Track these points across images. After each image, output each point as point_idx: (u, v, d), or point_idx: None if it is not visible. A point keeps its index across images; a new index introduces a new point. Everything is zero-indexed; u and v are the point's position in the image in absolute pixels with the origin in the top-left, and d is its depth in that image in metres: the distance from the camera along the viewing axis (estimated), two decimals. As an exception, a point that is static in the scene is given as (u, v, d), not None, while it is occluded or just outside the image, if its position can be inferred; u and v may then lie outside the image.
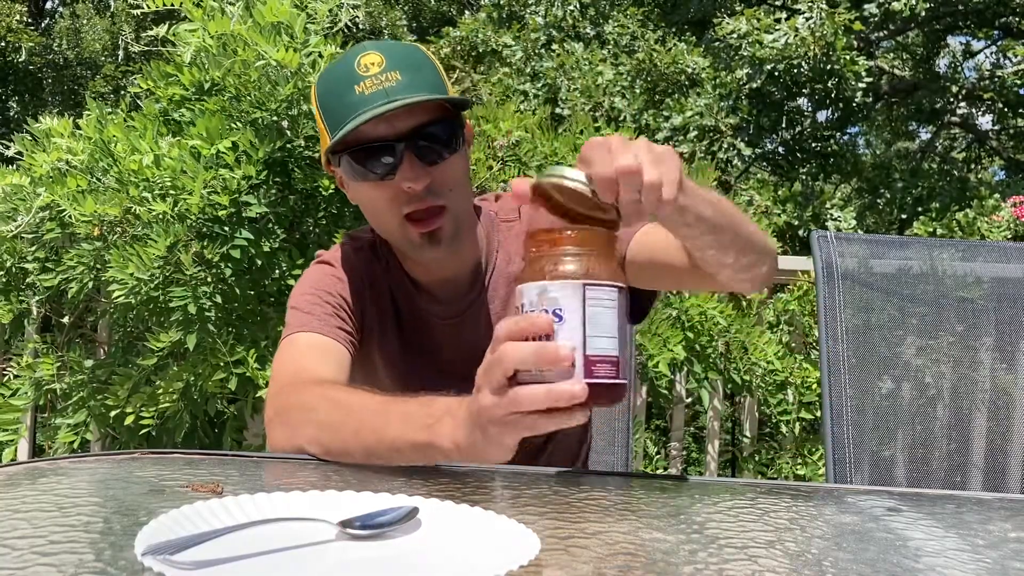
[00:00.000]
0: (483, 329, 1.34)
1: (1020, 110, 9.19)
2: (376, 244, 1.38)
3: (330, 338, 1.24)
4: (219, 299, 2.27)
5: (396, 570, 0.68)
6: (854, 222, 6.39)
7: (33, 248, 2.53)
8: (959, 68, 9.84)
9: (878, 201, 8.31)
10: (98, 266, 2.32)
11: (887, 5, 7.56)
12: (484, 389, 0.83)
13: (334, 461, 1.04)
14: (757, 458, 3.18)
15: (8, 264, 2.51)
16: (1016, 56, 8.82)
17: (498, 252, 1.37)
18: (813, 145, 8.14)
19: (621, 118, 6.63)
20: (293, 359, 1.22)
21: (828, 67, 6.71)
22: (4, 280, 2.54)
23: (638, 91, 6.94)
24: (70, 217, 2.29)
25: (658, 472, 3.30)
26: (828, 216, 6.34)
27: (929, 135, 11.87)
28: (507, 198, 1.42)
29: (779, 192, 6.32)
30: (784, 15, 7.19)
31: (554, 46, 7.34)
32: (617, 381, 0.83)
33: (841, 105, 7.46)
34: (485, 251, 1.36)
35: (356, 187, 1.25)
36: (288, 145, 2.33)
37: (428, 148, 1.19)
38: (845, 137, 9.81)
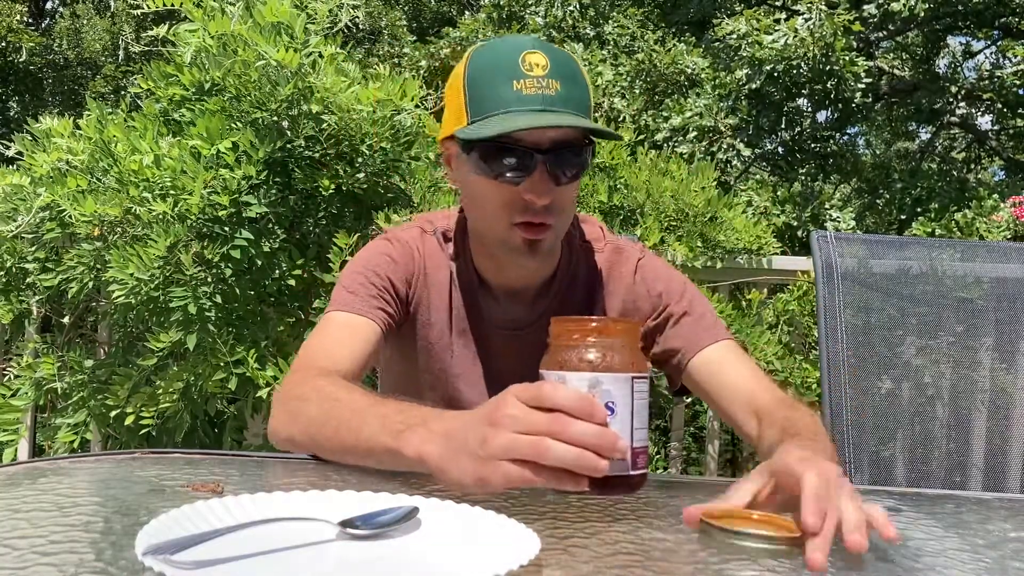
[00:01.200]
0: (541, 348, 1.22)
1: (1020, 110, 9.18)
2: (448, 233, 1.36)
3: (366, 317, 1.25)
4: (219, 299, 2.27)
5: (396, 570, 0.68)
6: (853, 223, 6.38)
7: (33, 248, 2.53)
8: (959, 68, 9.84)
9: (877, 201, 8.31)
10: (98, 266, 2.32)
11: (886, 6, 7.56)
12: (508, 428, 0.78)
13: (324, 458, 1.05)
14: (757, 458, 3.18)
15: (8, 264, 2.51)
16: (1016, 56, 8.82)
17: (571, 274, 1.36)
18: (812, 146, 8.14)
19: (621, 118, 6.63)
20: (319, 341, 1.24)
21: (827, 68, 6.71)
22: (4, 280, 2.54)
23: (637, 91, 6.94)
24: (70, 217, 2.29)
25: (658, 472, 3.30)
26: (827, 216, 6.34)
27: (929, 135, 11.87)
28: (593, 225, 1.41)
29: (778, 193, 6.32)
30: (783, 16, 7.19)
31: (554, 46, 7.32)
32: (646, 471, 0.86)
33: (840, 106, 7.45)
34: (560, 269, 1.35)
35: (474, 179, 1.21)
36: (288, 145, 2.33)
37: (561, 167, 1.17)
38: (845, 137, 9.82)
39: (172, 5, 2.44)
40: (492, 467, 0.78)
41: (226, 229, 2.25)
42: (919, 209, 7.02)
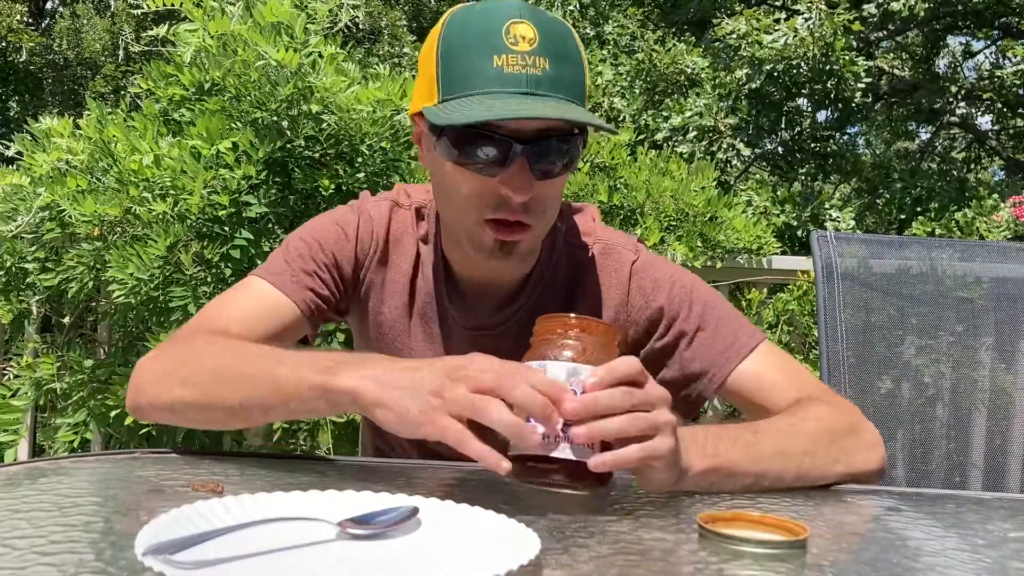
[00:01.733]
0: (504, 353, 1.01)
1: (1020, 110, 9.19)
2: (423, 210, 1.22)
3: (285, 294, 1.13)
4: (219, 299, 2.27)
5: (396, 570, 0.68)
6: (853, 222, 6.39)
7: (33, 248, 2.53)
8: (959, 68, 9.84)
9: (877, 201, 8.31)
10: (98, 266, 2.32)
11: (886, 5, 7.57)
12: (464, 385, 0.80)
13: (211, 426, 1.01)
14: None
15: (8, 264, 2.51)
16: (1015, 56, 8.82)
17: (551, 275, 1.20)
18: (812, 145, 8.14)
19: (621, 118, 6.64)
20: (221, 304, 1.13)
21: (827, 67, 6.71)
22: (4, 280, 2.54)
23: (637, 91, 6.95)
24: (70, 217, 2.29)
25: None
26: (827, 216, 6.34)
27: (929, 135, 11.87)
28: (586, 216, 1.25)
29: (778, 193, 6.32)
30: (783, 16, 7.19)
31: (554, 46, 7.32)
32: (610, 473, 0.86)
33: (840, 105, 7.45)
34: (538, 269, 1.19)
35: (444, 165, 1.05)
36: (288, 145, 2.34)
37: (545, 160, 1.01)
38: (845, 137, 9.82)
39: (172, 5, 2.44)
40: (434, 417, 0.79)
41: (226, 229, 2.25)
42: (919, 209, 7.02)
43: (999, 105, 8.90)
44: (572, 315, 0.89)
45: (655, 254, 1.25)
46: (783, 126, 7.58)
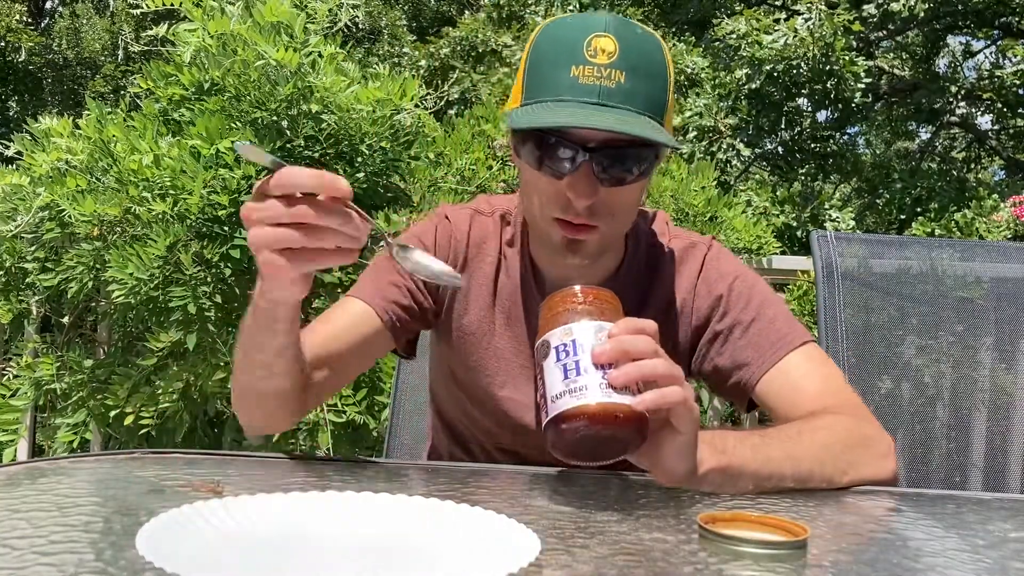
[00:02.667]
0: None
1: (1019, 110, 9.19)
2: (508, 216, 1.29)
3: (365, 303, 1.20)
4: (219, 299, 2.27)
5: (397, 570, 0.68)
6: (852, 223, 6.39)
7: (33, 248, 2.53)
8: (959, 68, 9.84)
9: (877, 201, 8.32)
10: (98, 266, 2.32)
11: (886, 6, 7.57)
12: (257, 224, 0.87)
13: (258, 386, 1.07)
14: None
15: (8, 264, 2.51)
16: (1016, 56, 8.83)
17: (635, 273, 1.26)
18: (812, 145, 8.14)
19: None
20: (315, 322, 1.22)
21: (827, 67, 6.71)
22: (4, 280, 2.54)
23: (638, 91, 6.93)
24: (70, 217, 2.29)
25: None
26: (827, 216, 6.35)
27: (929, 135, 11.87)
28: (661, 220, 1.32)
29: (777, 193, 6.32)
30: (783, 16, 7.20)
31: (554, 46, 7.31)
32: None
33: (840, 105, 7.45)
34: (624, 268, 1.26)
35: (523, 164, 1.14)
36: (288, 145, 2.33)
37: (611, 168, 1.06)
38: (845, 137, 9.82)
39: (172, 5, 2.44)
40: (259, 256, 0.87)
41: (226, 229, 2.25)
42: (919, 209, 7.03)
43: (999, 105, 8.91)
44: (577, 286, 0.91)
45: (727, 251, 1.32)
46: (783, 126, 7.59)
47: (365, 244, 0.87)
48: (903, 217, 7.45)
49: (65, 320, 2.70)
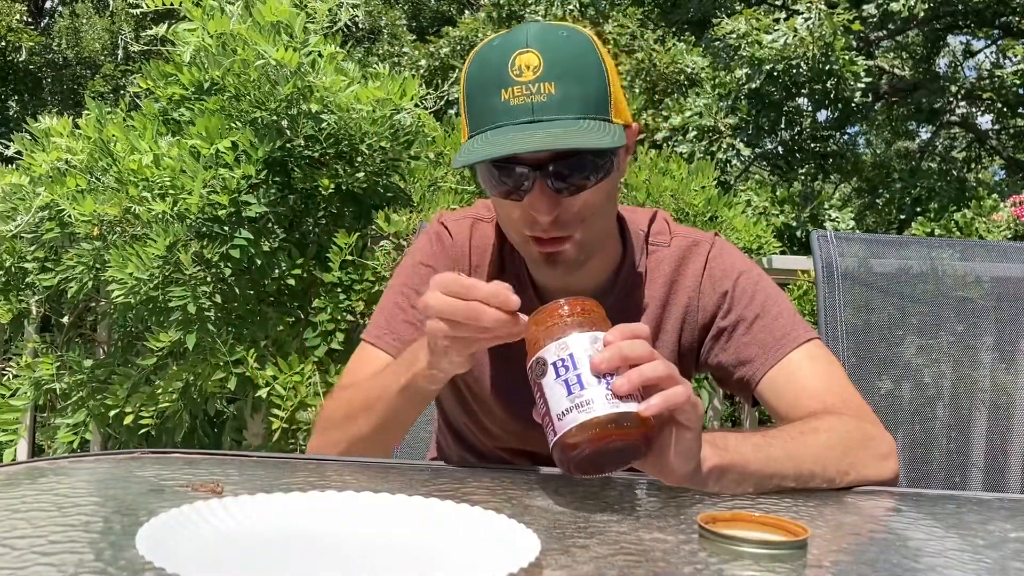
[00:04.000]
0: None
1: (1020, 109, 9.19)
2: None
3: (389, 354, 1.22)
4: (219, 299, 2.27)
5: (397, 570, 0.68)
6: (852, 223, 6.39)
7: (33, 248, 2.53)
8: (959, 67, 9.84)
9: (877, 201, 8.32)
10: (98, 266, 2.32)
11: (885, 6, 7.56)
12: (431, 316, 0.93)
13: (367, 445, 1.13)
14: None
15: (8, 264, 2.51)
16: (1016, 55, 8.83)
17: (636, 274, 1.27)
18: (812, 145, 8.14)
19: (620, 118, 6.63)
20: (345, 376, 1.27)
21: (827, 67, 6.71)
22: (4, 280, 2.54)
23: (637, 91, 6.94)
24: (70, 217, 2.29)
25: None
26: (826, 216, 6.34)
27: (929, 135, 11.87)
28: (661, 219, 1.32)
29: (777, 193, 6.32)
30: (783, 15, 7.19)
31: (554, 46, 7.32)
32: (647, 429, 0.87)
33: (840, 105, 7.45)
34: (623, 270, 1.26)
35: (488, 191, 1.16)
36: (288, 145, 2.33)
37: (565, 179, 1.06)
38: (845, 137, 9.82)
39: (171, 4, 2.44)
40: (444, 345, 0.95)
41: (225, 229, 2.25)
42: (919, 209, 7.03)
43: (999, 105, 8.90)
44: (562, 299, 0.90)
45: (731, 246, 1.32)
46: (783, 126, 7.58)
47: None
48: (903, 217, 7.45)
49: (65, 320, 2.71)
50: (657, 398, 0.84)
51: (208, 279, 2.27)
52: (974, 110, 9.99)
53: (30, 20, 12.32)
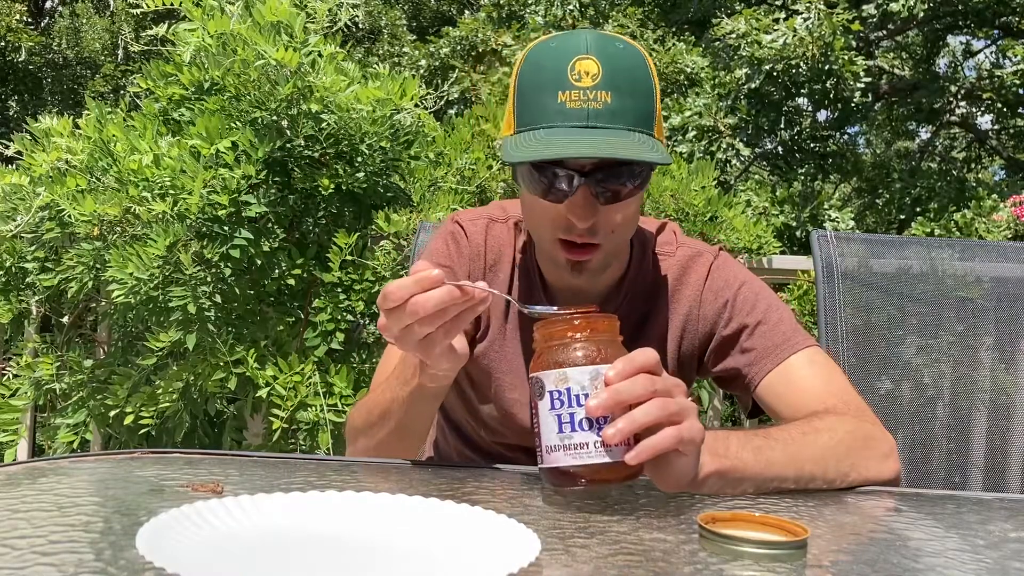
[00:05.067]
0: None
1: (1020, 109, 9.19)
2: (521, 222, 1.31)
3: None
4: (219, 299, 2.27)
5: (397, 570, 0.68)
6: (852, 223, 6.39)
7: (33, 248, 2.53)
8: (959, 68, 9.84)
9: (877, 201, 8.31)
10: (98, 266, 2.32)
11: (885, 6, 7.56)
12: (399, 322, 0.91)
13: (394, 448, 1.17)
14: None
15: (8, 264, 2.51)
16: (1016, 56, 8.82)
17: (640, 283, 1.29)
18: (812, 145, 8.14)
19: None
20: (377, 374, 1.29)
21: (826, 67, 6.71)
22: (4, 280, 2.54)
23: (637, 91, 6.92)
24: (70, 217, 2.29)
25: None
26: (826, 217, 6.34)
27: (929, 135, 11.87)
28: (670, 230, 1.34)
29: (777, 193, 6.32)
30: (783, 15, 7.19)
31: (553, 46, 7.32)
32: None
33: (840, 105, 7.45)
34: (629, 277, 1.28)
35: (522, 189, 1.17)
36: (288, 145, 2.33)
37: (607, 187, 1.09)
38: (844, 137, 9.81)
39: (171, 4, 2.44)
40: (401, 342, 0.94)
41: (225, 229, 2.25)
42: (918, 209, 7.02)
43: (999, 105, 8.90)
44: (575, 315, 0.90)
45: (733, 259, 1.34)
46: (783, 126, 7.58)
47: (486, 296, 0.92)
48: (903, 217, 7.45)
49: (65, 320, 2.70)
50: (645, 448, 0.83)
51: (208, 279, 2.27)
52: (974, 110, 9.99)
53: (30, 20, 12.31)
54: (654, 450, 0.83)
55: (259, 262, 2.31)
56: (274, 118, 2.30)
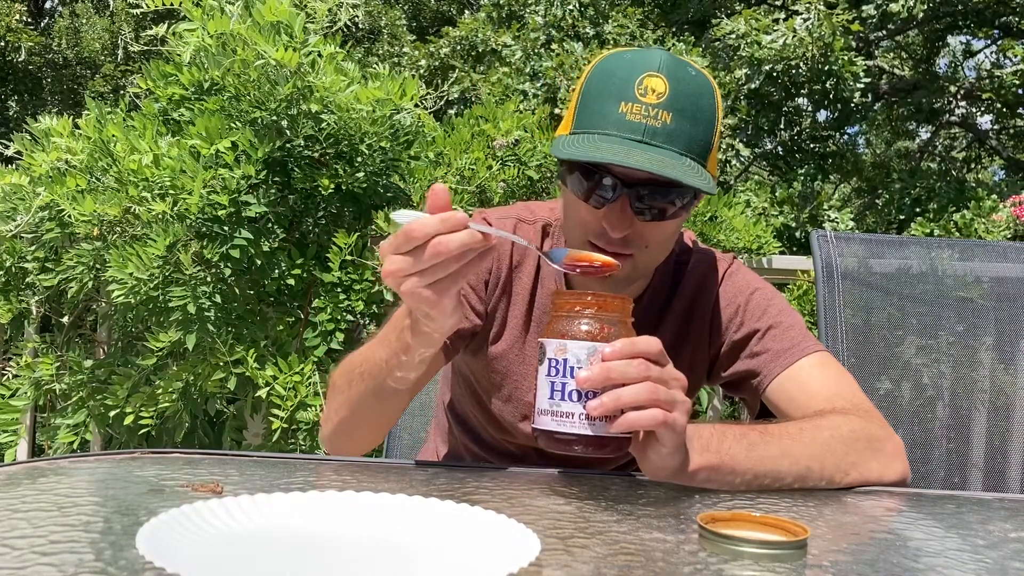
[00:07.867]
0: None
1: (1020, 110, 9.19)
2: (549, 227, 1.32)
3: None
4: (219, 299, 2.27)
5: (397, 570, 0.68)
6: (852, 223, 6.39)
7: (33, 248, 2.53)
8: (959, 68, 9.84)
9: (877, 201, 8.31)
10: (98, 266, 2.32)
11: (884, 6, 7.57)
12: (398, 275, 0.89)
13: (367, 417, 1.15)
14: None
15: (8, 264, 2.51)
16: (1016, 56, 8.82)
17: (665, 294, 1.30)
18: (812, 145, 8.14)
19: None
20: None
21: (826, 67, 6.71)
22: (4, 280, 2.54)
23: (637, 91, 6.92)
24: (70, 217, 2.29)
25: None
26: (826, 217, 6.34)
27: (928, 135, 11.87)
28: (686, 240, 1.35)
29: (776, 193, 6.32)
30: (782, 16, 7.19)
31: (553, 46, 7.34)
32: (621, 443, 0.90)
33: (840, 105, 7.45)
34: (652, 289, 1.29)
35: (565, 186, 1.17)
36: (287, 145, 2.33)
37: (648, 203, 1.09)
38: (844, 137, 9.82)
39: (171, 4, 2.44)
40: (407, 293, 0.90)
41: (225, 229, 2.25)
42: (918, 209, 7.02)
43: (999, 105, 8.90)
44: (589, 292, 0.92)
45: (747, 268, 1.36)
46: (782, 126, 7.59)
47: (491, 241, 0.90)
48: (903, 217, 7.45)
49: (65, 320, 2.70)
50: (624, 420, 0.86)
51: (208, 279, 2.27)
52: (974, 110, 9.99)
53: (30, 20, 12.31)
54: (631, 424, 0.86)
55: (259, 262, 2.31)
56: (274, 118, 2.30)
